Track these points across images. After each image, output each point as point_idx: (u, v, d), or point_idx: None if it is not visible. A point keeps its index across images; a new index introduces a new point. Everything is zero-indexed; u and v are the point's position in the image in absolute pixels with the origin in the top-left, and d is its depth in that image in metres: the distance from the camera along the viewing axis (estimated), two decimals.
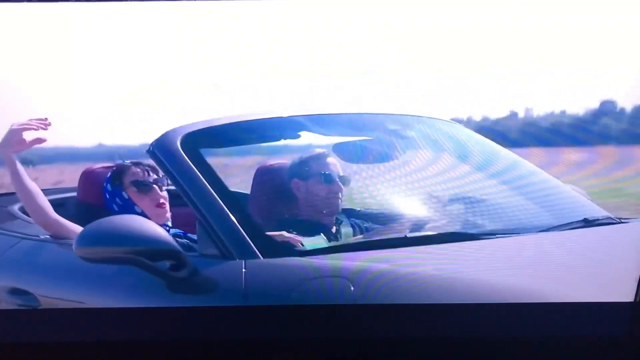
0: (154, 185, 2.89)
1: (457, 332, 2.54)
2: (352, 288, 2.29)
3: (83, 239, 2.42)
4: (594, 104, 3.43)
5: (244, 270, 2.43)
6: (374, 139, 3.03)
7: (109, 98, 3.11)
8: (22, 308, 2.68)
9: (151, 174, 2.90)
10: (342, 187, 2.85)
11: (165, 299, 2.50)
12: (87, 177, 3.04)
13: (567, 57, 3.15)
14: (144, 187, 2.89)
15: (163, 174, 2.82)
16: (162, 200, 2.89)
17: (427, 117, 3.12)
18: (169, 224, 2.91)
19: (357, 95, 3.11)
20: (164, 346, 2.69)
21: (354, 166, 2.94)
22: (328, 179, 2.84)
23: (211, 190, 2.58)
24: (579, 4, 3.11)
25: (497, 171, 3.06)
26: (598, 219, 2.81)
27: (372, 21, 3.07)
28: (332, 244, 2.64)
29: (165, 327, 2.61)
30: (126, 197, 2.90)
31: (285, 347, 2.64)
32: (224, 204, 2.54)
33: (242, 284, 2.41)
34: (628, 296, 2.51)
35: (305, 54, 3.02)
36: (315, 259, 2.47)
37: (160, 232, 2.44)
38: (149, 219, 2.75)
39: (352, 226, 2.90)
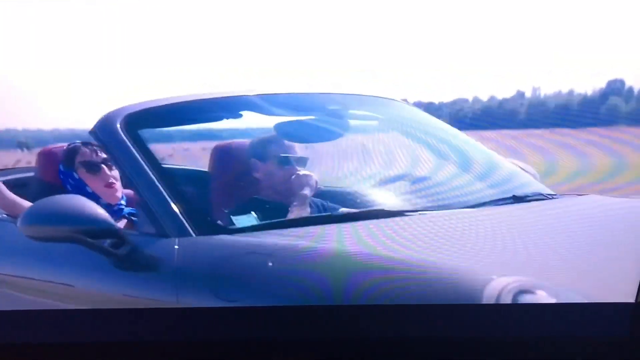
0: (103, 165, 2.94)
1: (456, 332, 2.54)
2: (270, 264, 2.35)
3: (26, 217, 2.48)
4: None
5: (176, 247, 2.49)
6: (315, 119, 3.08)
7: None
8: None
9: (100, 154, 2.95)
10: (298, 168, 2.90)
11: (112, 277, 2.58)
12: (45, 157, 3.12)
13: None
14: (92, 167, 2.96)
15: None
16: (111, 180, 2.94)
17: (367, 96, 3.18)
18: (123, 202, 2.99)
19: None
20: (160, 347, 2.70)
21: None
22: (284, 161, 2.89)
23: (147, 170, 2.63)
24: None
25: (437, 149, 3.13)
26: (528, 195, 2.86)
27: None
28: (263, 222, 2.70)
29: (159, 328, 2.63)
30: (77, 177, 2.96)
31: (283, 348, 2.66)
32: (160, 184, 2.62)
33: (174, 261, 2.48)
34: (627, 296, 2.50)
35: (304, 53, 3.07)
36: (244, 236, 2.53)
37: (100, 211, 2.49)
38: (100, 198, 2.85)
39: (311, 205, 2.97)
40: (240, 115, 3.01)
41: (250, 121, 3.02)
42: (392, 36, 3.11)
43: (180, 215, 2.55)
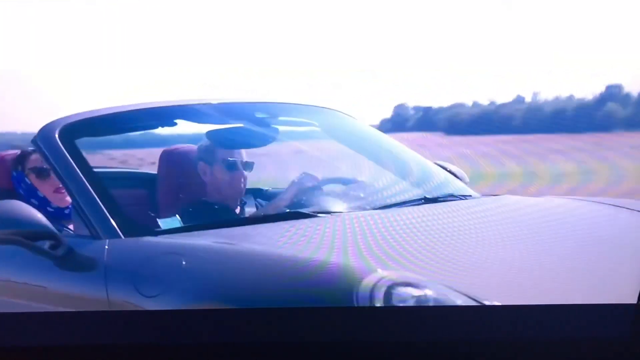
0: (51, 171, 3.15)
1: (460, 334, 2.61)
2: (184, 262, 2.56)
3: None
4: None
5: (106, 247, 2.69)
6: (244, 126, 3.28)
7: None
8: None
9: None
10: (244, 173, 3.10)
11: (50, 275, 2.79)
12: None
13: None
14: (41, 173, 3.16)
15: None
16: (60, 185, 3.12)
17: (293, 104, 3.39)
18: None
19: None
20: (156, 349, 2.80)
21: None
22: (232, 165, 3.07)
23: (81, 176, 2.84)
24: None
25: (361, 153, 3.34)
26: (439, 197, 3.07)
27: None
28: (187, 224, 2.91)
29: (155, 330, 2.71)
30: (28, 182, 3.18)
31: (280, 350, 2.73)
32: (92, 190, 2.83)
33: (103, 261, 2.70)
34: (626, 298, 2.56)
35: (304, 53, 3.24)
36: (168, 237, 2.75)
37: (37, 215, 2.71)
38: (50, 202, 3.07)
39: (256, 206, 3.18)
40: (175, 124, 3.20)
41: (184, 129, 3.21)
42: (392, 37, 3.26)
43: (110, 219, 2.75)
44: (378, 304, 2.25)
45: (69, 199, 3.12)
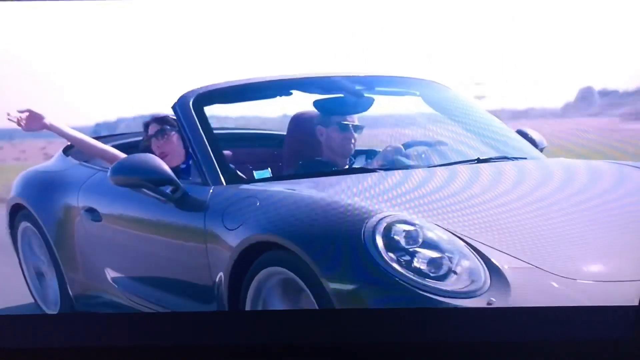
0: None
1: (463, 336, 2.86)
2: (258, 203, 3.17)
3: (113, 170, 3.46)
4: None
5: (210, 191, 3.36)
6: (344, 96, 3.81)
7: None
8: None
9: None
10: (354, 134, 3.66)
11: (169, 214, 3.45)
12: None
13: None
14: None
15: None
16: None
17: (386, 76, 3.87)
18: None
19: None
20: (158, 351, 3.28)
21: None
22: (343, 127, 3.64)
23: (203, 137, 3.51)
24: None
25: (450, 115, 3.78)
26: (492, 158, 3.47)
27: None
28: (275, 175, 3.52)
29: (164, 332, 3.26)
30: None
31: (288, 351, 3.15)
32: (210, 147, 3.49)
33: (207, 202, 3.35)
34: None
35: (304, 55, 3.70)
36: (255, 185, 3.37)
37: (163, 166, 3.41)
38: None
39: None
40: (290, 94, 3.79)
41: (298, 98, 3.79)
42: (392, 39, 3.55)
43: (218, 170, 3.42)
44: (378, 236, 2.77)
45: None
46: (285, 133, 3.76)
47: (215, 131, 3.58)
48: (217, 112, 3.71)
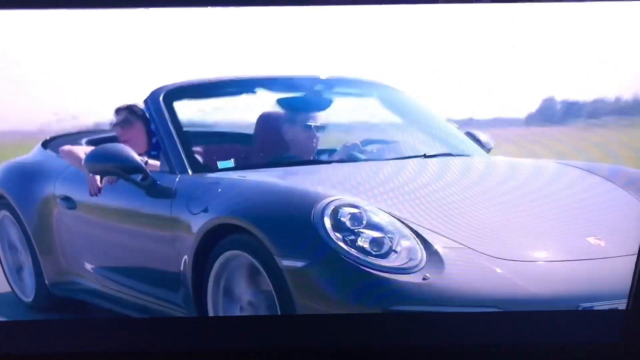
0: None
1: (455, 339, 2.99)
2: (219, 190, 3.43)
3: (87, 157, 3.68)
4: None
5: (177, 180, 3.59)
6: (305, 95, 4.07)
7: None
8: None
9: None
10: (317, 134, 3.89)
11: (138, 200, 3.68)
12: None
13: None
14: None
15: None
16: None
17: (345, 78, 4.13)
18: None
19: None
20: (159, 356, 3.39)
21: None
22: (307, 127, 3.89)
23: (171, 129, 3.76)
24: None
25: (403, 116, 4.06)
26: (437, 154, 3.75)
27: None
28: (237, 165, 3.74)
29: (160, 338, 3.36)
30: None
31: (281, 356, 3.28)
32: (177, 139, 3.75)
33: (173, 189, 3.61)
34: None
35: (305, 57, 3.75)
36: (218, 174, 3.61)
37: (134, 155, 3.67)
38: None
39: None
40: (255, 92, 4.03)
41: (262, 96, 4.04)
42: (393, 40, 3.60)
43: (184, 160, 3.67)
44: (327, 217, 3.04)
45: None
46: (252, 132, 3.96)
47: (185, 128, 3.80)
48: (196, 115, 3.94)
